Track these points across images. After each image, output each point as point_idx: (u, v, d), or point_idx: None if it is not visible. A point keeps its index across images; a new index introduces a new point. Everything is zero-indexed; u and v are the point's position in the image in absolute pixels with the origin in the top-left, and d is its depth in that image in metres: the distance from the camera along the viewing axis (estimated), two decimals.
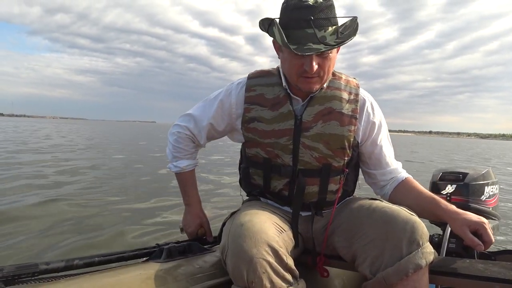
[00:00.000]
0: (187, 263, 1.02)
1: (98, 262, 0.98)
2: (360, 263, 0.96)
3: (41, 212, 3.38)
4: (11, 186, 4.44)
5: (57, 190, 4.42)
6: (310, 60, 0.97)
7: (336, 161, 1.10)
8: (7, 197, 3.87)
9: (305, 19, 0.93)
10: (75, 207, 3.62)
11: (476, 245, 0.95)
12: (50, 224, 3.03)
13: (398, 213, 0.94)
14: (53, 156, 8.21)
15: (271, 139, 1.09)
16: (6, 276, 0.78)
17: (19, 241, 2.63)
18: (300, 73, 1.00)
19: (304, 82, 1.02)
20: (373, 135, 1.15)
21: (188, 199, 1.30)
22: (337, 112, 1.08)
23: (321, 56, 0.98)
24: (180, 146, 1.24)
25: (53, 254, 2.42)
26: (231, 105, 1.15)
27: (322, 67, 1.00)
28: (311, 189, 1.10)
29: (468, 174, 1.63)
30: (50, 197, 4.00)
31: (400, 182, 1.18)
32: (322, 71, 1.01)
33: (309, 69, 0.97)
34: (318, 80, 1.03)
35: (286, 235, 0.99)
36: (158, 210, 3.70)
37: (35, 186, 4.58)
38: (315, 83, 1.03)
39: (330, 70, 1.03)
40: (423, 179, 1.26)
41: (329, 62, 1.00)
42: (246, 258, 0.83)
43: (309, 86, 1.03)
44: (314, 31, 0.93)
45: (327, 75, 1.04)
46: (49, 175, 5.51)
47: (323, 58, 0.99)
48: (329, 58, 1.00)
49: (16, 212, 3.30)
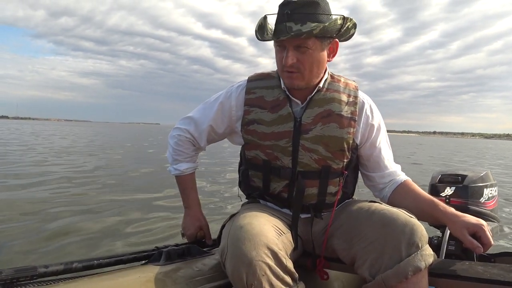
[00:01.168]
0: (186, 266, 1.02)
1: (97, 265, 0.98)
2: (360, 265, 0.96)
3: (39, 214, 3.37)
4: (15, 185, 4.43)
5: (54, 192, 4.41)
6: (286, 52, 1.01)
7: (335, 163, 1.10)
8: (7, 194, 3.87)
9: (284, 13, 0.99)
10: (73, 210, 3.61)
11: (475, 248, 0.95)
12: (48, 227, 3.03)
13: (397, 215, 0.94)
14: (43, 158, 8.20)
15: (271, 141, 1.09)
16: (4, 279, 0.77)
17: (17, 244, 2.62)
18: (282, 67, 1.04)
19: (286, 77, 1.06)
20: (372, 137, 1.16)
21: (188, 202, 1.30)
22: (336, 114, 1.08)
23: (299, 50, 1.01)
24: (181, 149, 1.24)
25: (52, 257, 2.41)
26: (231, 108, 1.15)
27: (301, 61, 1.02)
28: (311, 191, 1.11)
29: (467, 176, 1.63)
30: (48, 199, 3.99)
31: (399, 185, 1.18)
32: (302, 66, 1.02)
33: (284, 61, 1.01)
34: (299, 76, 1.04)
35: (285, 238, 0.99)
36: (157, 213, 3.70)
37: (35, 186, 4.57)
38: (296, 78, 1.04)
39: (312, 66, 1.04)
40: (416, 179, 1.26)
41: (310, 58, 1.02)
42: (245, 261, 0.82)
43: (290, 81, 1.05)
44: (288, 25, 0.98)
45: (309, 72, 1.04)
46: (48, 176, 5.51)
47: (302, 53, 1.01)
48: (309, 53, 1.01)
49: (14, 214, 3.30)
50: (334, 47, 1.08)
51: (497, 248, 2.26)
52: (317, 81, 1.09)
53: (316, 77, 1.08)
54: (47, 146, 12.27)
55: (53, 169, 6.35)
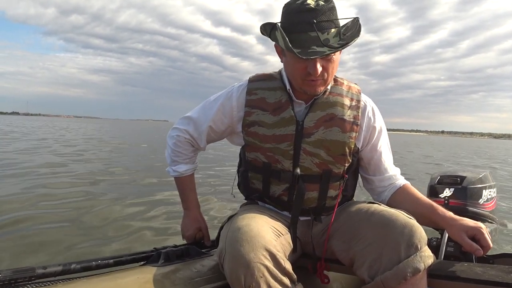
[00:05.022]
0: (185, 267, 1.02)
1: (96, 266, 0.98)
2: (359, 266, 0.96)
3: (37, 214, 3.37)
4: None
5: (52, 192, 4.40)
6: (314, 63, 0.96)
7: (336, 167, 1.10)
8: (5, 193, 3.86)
9: (307, 22, 0.93)
10: (71, 211, 3.60)
11: (474, 250, 0.95)
12: (47, 227, 3.02)
13: (397, 216, 0.94)
14: (42, 160, 8.19)
15: (272, 143, 1.08)
16: (2, 280, 0.77)
17: (14, 244, 2.61)
18: (304, 76, 1.00)
19: (309, 85, 1.02)
20: (373, 140, 1.16)
21: (187, 203, 1.30)
22: (338, 118, 1.08)
23: (325, 58, 0.98)
24: (179, 150, 1.24)
25: (50, 258, 2.41)
26: (232, 108, 1.15)
27: (326, 69, 1.00)
28: (311, 194, 1.10)
29: (466, 178, 1.63)
30: (46, 199, 3.99)
31: (398, 189, 1.18)
32: (326, 73, 1.01)
33: (314, 72, 0.97)
34: (322, 82, 1.03)
35: (284, 239, 0.99)
36: (155, 214, 3.69)
37: (35, 186, 4.57)
38: (319, 85, 1.03)
39: (333, 72, 1.04)
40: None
41: (333, 64, 1.01)
42: (243, 263, 0.82)
43: (314, 89, 1.04)
44: (317, 34, 0.93)
45: (330, 77, 1.04)
46: (46, 175, 5.50)
47: (327, 61, 0.99)
48: (333, 60, 1.00)
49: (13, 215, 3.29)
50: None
51: (496, 249, 2.25)
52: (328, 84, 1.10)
53: (331, 80, 1.09)
54: (57, 140, 12.27)
55: (44, 170, 6.34)
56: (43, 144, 11.84)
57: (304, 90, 1.04)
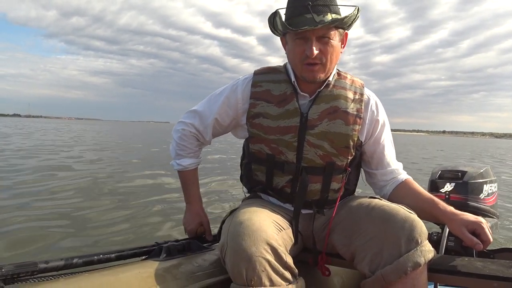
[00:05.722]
0: (186, 262, 1.02)
1: (98, 261, 0.98)
2: (359, 261, 0.96)
3: (39, 210, 3.38)
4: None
5: (54, 187, 4.41)
6: (310, 43, 1.00)
7: (339, 159, 1.10)
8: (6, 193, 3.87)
9: (303, 5, 0.98)
10: (74, 206, 3.62)
11: (474, 245, 0.96)
12: (49, 222, 3.03)
13: (397, 211, 0.94)
14: (41, 157, 8.21)
15: (276, 135, 1.09)
16: (5, 274, 0.78)
17: (17, 238, 2.63)
18: (302, 59, 1.02)
19: (307, 70, 1.04)
20: (376, 134, 1.16)
21: (189, 197, 1.30)
22: (342, 111, 1.08)
23: (322, 41, 1.00)
24: (184, 144, 1.24)
25: (52, 252, 2.42)
26: (237, 100, 1.15)
27: (323, 53, 1.01)
28: (314, 187, 1.11)
29: (467, 173, 1.63)
30: (48, 194, 4.00)
31: (400, 183, 1.18)
32: (324, 57, 1.02)
33: (310, 52, 1.00)
34: (321, 68, 1.04)
35: (286, 233, 1.00)
36: (157, 208, 3.70)
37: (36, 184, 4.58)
38: (318, 71, 1.04)
39: (333, 58, 1.04)
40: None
41: (331, 49, 1.02)
42: (245, 257, 0.83)
43: (312, 74, 1.04)
44: (312, 16, 0.97)
45: (330, 63, 1.04)
46: (46, 173, 5.51)
47: (324, 44, 1.01)
48: (331, 44, 1.01)
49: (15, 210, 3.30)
50: (344, 39, 1.09)
51: (496, 244, 2.26)
52: (329, 73, 1.10)
53: (333, 69, 1.09)
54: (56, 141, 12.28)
55: (47, 167, 6.35)
56: (43, 144, 11.85)
57: (304, 77, 1.06)
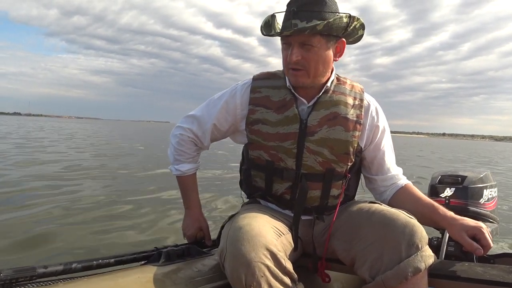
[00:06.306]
0: (186, 267, 1.02)
1: (96, 266, 0.97)
2: (359, 266, 0.96)
3: (38, 215, 3.37)
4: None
5: (54, 192, 4.40)
6: (291, 49, 1.02)
7: (339, 166, 1.10)
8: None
9: (289, 10, 1.00)
10: (72, 210, 3.61)
11: (475, 250, 0.95)
12: (48, 227, 3.02)
13: (397, 216, 0.94)
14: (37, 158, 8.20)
15: (275, 142, 1.08)
16: (3, 279, 0.77)
17: (15, 242, 2.62)
18: (287, 64, 1.05)
19: (291, 74, 1.06)
20: (376, 140, 1.16)
21: (188, 202, 1.30)
22: (342, 117, 1.08)
23: (304, 48, 1.01)
24: (182, 149, 1.23)
25: (51, 257, 2.41)
26: (236, 106, 1.14)
27: (306, 59, 1.02)
28: (314, 193, 1.10)
29: (467, 177, 1.63)
30: (48, 199, 3.99)
31: (399, 188, 1.18)
32: (307, 63, 1.03)
33: (289, 58, 1.02)
34: (304, 73, 1.04)
35: (285, 239, 0.99)
36: (156, 213, 3.69)
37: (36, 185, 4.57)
38: (301, 76, 1.05)
39: (318, 64, 1.04)
40: None
41: (315, 56, 1.02)
42: (244, 262, 0.82)
43: (295, 78, 1.06)
44: (292, 22, 0.99)
45: (314, 70, 1.04)
46: (47, 176, 5.50)
47: (307, 51, 1.02)
48: (314, 51, 1.02)
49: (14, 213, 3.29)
50: (341, 47, 1.08)
51: (497, 249, 2.25)
52: (323, 80, 1.10)
53: (322, 76, 1.08)
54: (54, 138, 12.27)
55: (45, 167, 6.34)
56: (43, 144, 11.84)
57: (290, 80, 1.08)
